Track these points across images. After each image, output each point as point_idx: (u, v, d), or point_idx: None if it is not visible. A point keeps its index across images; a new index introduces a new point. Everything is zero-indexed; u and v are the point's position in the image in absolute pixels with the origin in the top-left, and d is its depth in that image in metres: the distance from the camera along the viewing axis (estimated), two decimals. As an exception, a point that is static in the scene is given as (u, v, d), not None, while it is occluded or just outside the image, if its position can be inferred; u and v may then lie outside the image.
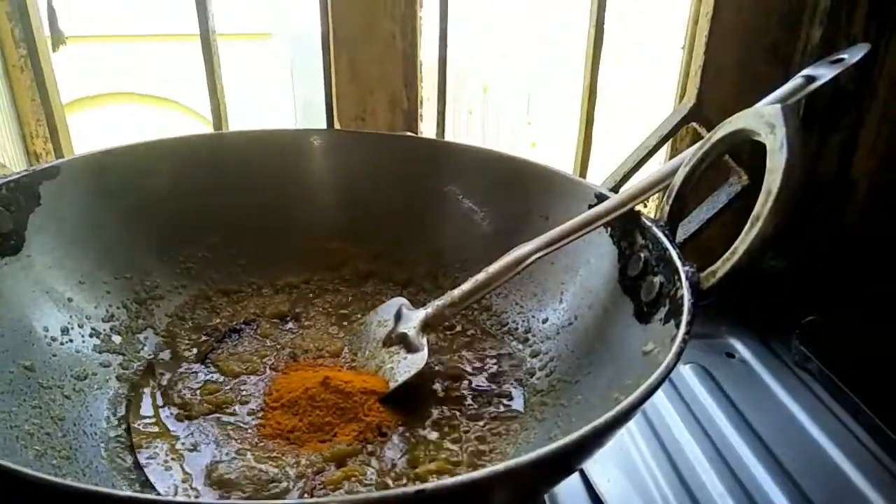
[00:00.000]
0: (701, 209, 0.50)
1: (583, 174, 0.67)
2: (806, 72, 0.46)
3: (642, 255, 0.44)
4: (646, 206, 0.70)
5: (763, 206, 0.35)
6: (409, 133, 0.65)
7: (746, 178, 0.49)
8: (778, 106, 0.37)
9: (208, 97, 0.63)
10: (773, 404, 0.55)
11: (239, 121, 0.67)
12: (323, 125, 0.64)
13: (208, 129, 0.64)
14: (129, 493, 0.30)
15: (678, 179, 0.44)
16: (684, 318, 0.35)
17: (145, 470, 0.40)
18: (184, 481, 0.39)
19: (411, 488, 0.23)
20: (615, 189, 0.60)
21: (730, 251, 0.36)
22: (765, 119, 0.37)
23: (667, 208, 0.44)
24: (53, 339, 0.46)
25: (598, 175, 0.67)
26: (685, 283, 0.37)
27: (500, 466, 0.25)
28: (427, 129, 0.68)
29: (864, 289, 0.64)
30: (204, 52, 0.61)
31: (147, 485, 0.39)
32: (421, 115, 0.67)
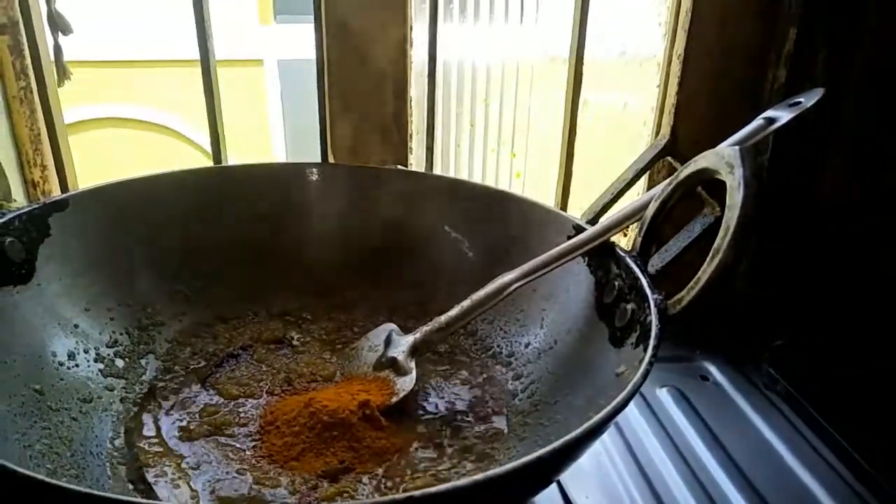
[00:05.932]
0: (677, 239, 0.52)
1: (563, 206, 0.70)
2: (766, 114, 0.49)
3: (616, 283, 0.47)
4: (625, 234, 0.74)
5: (722, 240, 0.38)
6: (399, 166, 0.68)
7: (719, 209, 0.52)
8: (737, 148, 0.40)
9: (208, 130, 0.66)
10: (745, 425, 0.58)
11: (229, 146, 0.69)
12: (312, 151, 0.67)
13: (197, 152, 0.66)
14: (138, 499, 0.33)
15: (650, 213, 0.47)
16: (651, 341, 0.38)
17: (154, 487, 0.42)
18: (192, 498, 0.42)
19: (401, 495, 0.26)
20: (593, 220, 0.63)
21: (693, 280, 0.39)
22: (725, 159, 0.41)
23: (639, 240, 0.47)
24: (61, 364, 0.48)
25: (580, 205, 0.70)
26: (653, 310, 0.40)
27: (480, 476, 0.28)
28: (416, 162, 0.71)
29: (832, 313, 0.67)
30: (205, 86, 0.63)
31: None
32: (411, 149, 0.70)
